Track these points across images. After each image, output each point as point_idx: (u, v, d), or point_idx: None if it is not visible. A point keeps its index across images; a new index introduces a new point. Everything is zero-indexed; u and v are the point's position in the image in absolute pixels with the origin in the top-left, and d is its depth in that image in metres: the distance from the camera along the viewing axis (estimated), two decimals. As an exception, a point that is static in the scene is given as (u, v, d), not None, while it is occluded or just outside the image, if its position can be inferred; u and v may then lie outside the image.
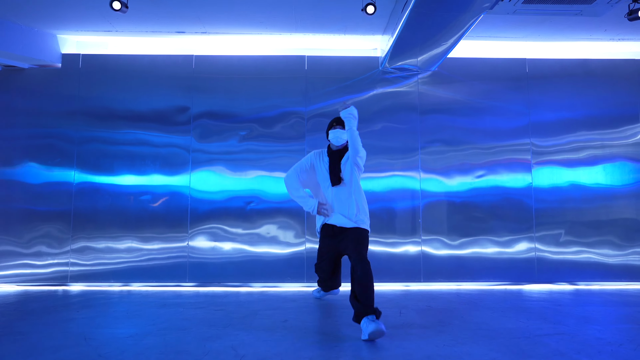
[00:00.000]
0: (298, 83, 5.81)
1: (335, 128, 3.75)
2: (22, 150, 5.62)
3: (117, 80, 5.76)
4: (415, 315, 3.92)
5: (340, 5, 4.85)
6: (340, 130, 3.71)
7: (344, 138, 3.72)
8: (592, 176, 5.76)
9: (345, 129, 3.66)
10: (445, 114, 5.80)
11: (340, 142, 3.75)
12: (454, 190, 5.72)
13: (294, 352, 2.80)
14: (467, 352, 2.82)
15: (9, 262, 5.49)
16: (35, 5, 4.91)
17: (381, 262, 5.55)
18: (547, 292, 5.16)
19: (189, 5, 4.92)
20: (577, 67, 5.89)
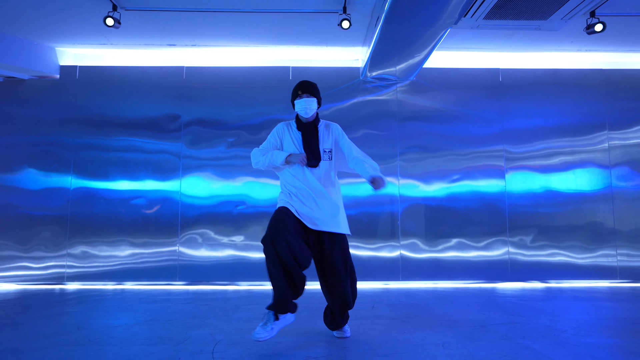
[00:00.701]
0: (283, 92, 6.12)
1: (301, 97, 3.11)
2: (21, 156, 5.94)
3: (112, 90, 6.08)
4: (386, 309, 4.21)
5: (319, 20, 5.18)
6: (308, 99, 3.09)
7: (313, 107, 3.10)
8: (563, 181, 6.05)
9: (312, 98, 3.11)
10: (423, 121, 6.12)
11: (309, 114, 3.09)
12: (431, 194, 6.02)
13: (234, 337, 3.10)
14: (423, 337, 3.11)
15: (8, 263, 5.79)
16: (35, 20, 5.24)
17: (362, 263, 5.84)
18: (519, 290, 5.44)
19: (179, 20, 5.25)
20: (548, 76, 6.21)
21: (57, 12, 5.00)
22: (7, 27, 5.41)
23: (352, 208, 5.96)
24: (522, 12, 4.03)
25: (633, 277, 5.93)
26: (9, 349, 2.84)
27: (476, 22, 4.22)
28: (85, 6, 4.87)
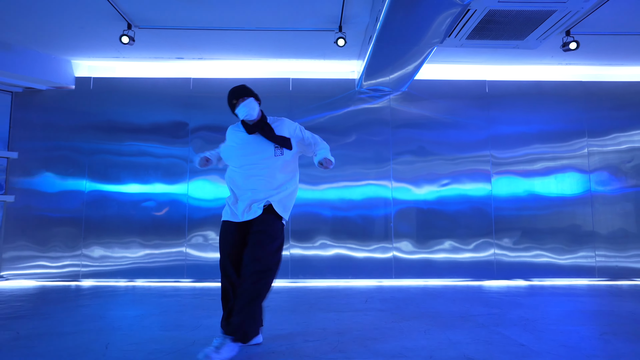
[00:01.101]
0: (284, 101, 6.56)
1: (238, 104, 3.06)
2: (39, 161, 6.36)
3: (124, 99, 6.50)
4: (378, 302, 4.62)
5: (317, 37, 5.60)
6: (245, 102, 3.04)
7: (254, 107, 3.06)
8: (545, 185, 6.47)
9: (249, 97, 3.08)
10: (414, 129, 6.53)
11: (254, 115, 3.05)
12: (422, 198, 6.44)
13: (269, 325, 3.51)
14: (407, 325, 3.53)
15: (28, 262, 6.20)
16: (55, 36, 5.66)
17: (357, 263, 6.26)
18: (504, 287, 5.85)
19: (187, 37, 5.67)
20: (531, 88, 6.63)
21: (76, 30, 5.42)
22: (29, 42, 5.83)
23: (348, 211, 6.37)
24: (500, 33, 4.45)
25: (610, 275, 6.34)
26: (45, 333, 3.26)
27: (460, 42, 4.64)
28: (102, 25, 5.30)
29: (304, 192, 6.32)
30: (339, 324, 3.58)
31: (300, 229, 6.33)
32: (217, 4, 4.84)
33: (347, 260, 6.30)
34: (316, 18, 5.11)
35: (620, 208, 6.44)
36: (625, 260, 6.36)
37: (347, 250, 6.32)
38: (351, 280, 6.26)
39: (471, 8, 3.94)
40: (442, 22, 4.22)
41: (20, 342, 3.03)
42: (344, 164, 6.40)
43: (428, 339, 3.09)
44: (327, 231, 6.34)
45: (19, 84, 6.27)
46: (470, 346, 2.91)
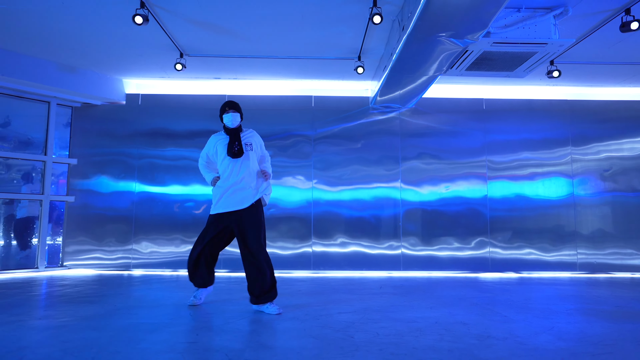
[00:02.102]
0: (306, 115, 7.52)
1: (228, 112, 4.11)
2: (95, 166, 7.34)
3: (168, 113, 7.47)
4: (390, 289, 5.59)
5: (338, 63, 6.57)
6: (232, 114, 4.10)
7: (237, 120, 4.12)
8: (533, 189, 7.43)
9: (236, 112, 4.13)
10: (420, 138, 7.50)
11: (234, 124, 4.10)
12: (427, 199, 7.40)
13: (286, 303, 4.48)
14: (416, 304, 4.49)
15: (86, 254, 7.18)
16: (112, 60, 6.62)
17: (370, 257, 7.23)
18: (497, 278, 6.80)
19: (226, 62, 6.63)
20: (522, 105, 7.59)
21: (134, 56, 6.40)
22: (90, 65, 6.80)
23: (361, 211, 7.34)
24: (493, 67, 5.40)
25: (589, 269, 7.30)
26: (125, 307, 4.23)
27: (460, 72, 5.59)
28: (158, 53, 6.27)
29: (324, 193, 7.30)
30: (362, 302, 4.54)
31: (321, 227, 7.30)
32: (256, 39, 5.80)
33: (361, 256, 7.27)
34: (339, 49, 6.08)
35: (599, 211, 7.39)
36: (603, 257, 7.32)
37: (361, 247, 7.29)
38: (365, 271, 7.23)
39: (469, 49, 4.90)
40: (446, 58, 5.17)
41: (121, 312, 4.00)
42: (357, 168, 7.37)
43: (433, 312, 4.05)
44: (344, 229, 7.31)
45: (78, 100, 7.25)
46: (465, 316, 3.87)
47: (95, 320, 3.60)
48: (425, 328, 3.40)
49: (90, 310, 3.98)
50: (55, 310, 4.01)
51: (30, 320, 3.56)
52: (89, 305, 4.27)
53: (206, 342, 2.97)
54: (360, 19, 5.16)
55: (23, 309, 4.06)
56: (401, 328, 3.39)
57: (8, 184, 6.96)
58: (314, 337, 3.12)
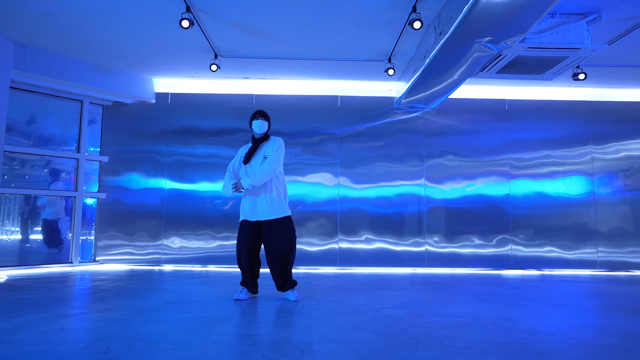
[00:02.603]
0: (333, 114, 7.68)
1: (257, 119, 4.37)
2: (126, 163, 7.50)
3: (197, 111, 7.63)
4: (422, 285, 5.76)
5: (368, 65, 6.72)
6: (261, 121, 4.37)
7: (264, 127, 4.39)
8: (554, 188, 7.59)
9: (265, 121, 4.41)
10: (444, 137, 7.66)
11: (261, 131, 4.38)
12: (450, 197, 7.56)
13: (328, 299, 4.64)
14: (453, 299, 4.67)
15: (118, 249, 7.36)
16: (145, 60, 6.77)
17: (395, 254, 7.40)
18: (519, 275, 6.97)
19: (256, 63, 6.77)
20: (544, 105, 7.74)
21: (168, 56, 6.55)
22: (123, 64, 6.96)
23: (386, 208, 7.51)
24: (524, 70, 5.55)
25: (610, 267, 7.47)
26: (174, 302, 4.41)
27: (489, 75, 5.74)
28: (192, 54, 6.42)
29: (350, 190, 7.48)
30: (400, 298, 4.71)
31: (347, 223, 7.47)
32: (292, 41, 5.95)
33: (386, 252, 7.44)
34: (371, 52, 6.23)
35: (619, 209, 7.55)
36: (622, 255, 7.49)
37: (386, 244, 7.46)
38: (390, 268, 7.40)
39: (503, 54, 5.05)
40: (477, 62, 5.32)
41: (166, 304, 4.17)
42: (382, 166, 7.54)
43: (472, 308, 4.22)
44: (369, 226, 7.48)
45: (110, 98, 7.41)
46: (505, 312, 4.04)
47: (153, 313, 3.77)
48: (473, 323, 3.57)
49: (143, 304, 4.15)
50: (109, 303, 4.19)
51: (93, 313, 3.73)
52: (138, 299, 4.44)
53: (272, 334, 3.14)
54: (397, 23, 5.31)
55: (79, 302, 4.24)
56: (450, 323, 3.56)
57: (36, 181, 7.12)
58: (371, 330, 3.28)
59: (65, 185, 7.25)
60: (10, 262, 6.68)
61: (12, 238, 6.87)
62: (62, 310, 3.84)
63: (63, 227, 7.22)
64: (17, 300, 4.31)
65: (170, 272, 6.73)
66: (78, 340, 2.91)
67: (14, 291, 4.82)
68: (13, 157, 6.78)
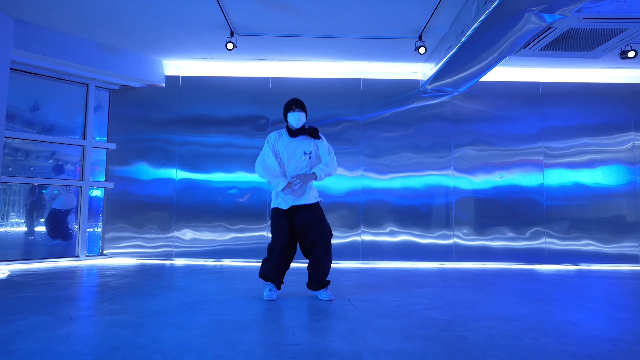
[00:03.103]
0: (355, 99, 7.19)
1: (294, 111, 3.94)
2: (134, 152, 7.05)
3: (209, 96, 7.16)
4: (456, 281, 5.29)
5: (395, 44, 6.21)
6: (298, 113, 3.93)
7: (302, 120, 3.97)
8: (592, 177, 7.08)
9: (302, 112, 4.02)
10: (473, 123, 7.15)
11: (299, 125, 3.97)
12: (480, 187, 7.07)
13: (360, 298, 4.19)
14: (499, 299, 4.20)
15: (126, 242, 6.94)
16: (155, 40, 6.30)
17: (422, 247, 6.94)
18: (555, 270, 6.50)
19: (274, 42, 6.28)
20: (581, 89, 7.21)
21: (181, 35, 6.07)
22: (131, 45, 6.48)
23: (412, 199, 7.03)
24: (571, 46, 5.04)
25: (652, 262, 6.98)
26: (192, 302, 3.97)
27: (532, 52, 5.24)
28: (206, 33, 5.94)
29: (373, 180, 7.01)
30: (439, 297, 4.25)
31: (370, 215, 7.00)
32: (315, 16, 5.45)
33: (412, 245, 6.97)
34: (400, 29, 5.73)
35: (663, 200, 7.05)
36: (665, 248, 6.99)
37: (412, 236, 6.99)
38: (415, 262, 6.94)
39: (553, 26, 4.54)
40: (523, 37, 4.81)
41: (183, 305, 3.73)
42: (407, 155, 7.06)
43: (525, 309, 3.75)
44: (394, 218, 7.01)
45: (117, 81, 6.94)
46: (565, 314, 3.57)
47: (170, 316, 3.33)
48: (536, 328, 3.10)
49: (157, 304, 3.72)
50: (120, 303, 3.75)
51: (103, 316, 3.29)
52: (152, 298, 4.00)
53: (310, 343, 2.69)
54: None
55: (87, 302, 3.81)
56: (510, 328, 3.09)
57: (41, 172, 6.69)
58: (424, 338, 2.83)
59: (70, 176, 6.81)
60: (13, 255, 6.27)
61: (15, 230, 6.46)
62: (68, 312, 3.40)
63: (70, 219, 6.79)
64: (18, 299, 3.88)
65: (183, 267, 6.30)
66: (86, 351, 2.47)
67: (15, 289, 4.40)
68: (17, 147, 6.35)
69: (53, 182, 6.62)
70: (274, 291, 4.04)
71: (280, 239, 3.97)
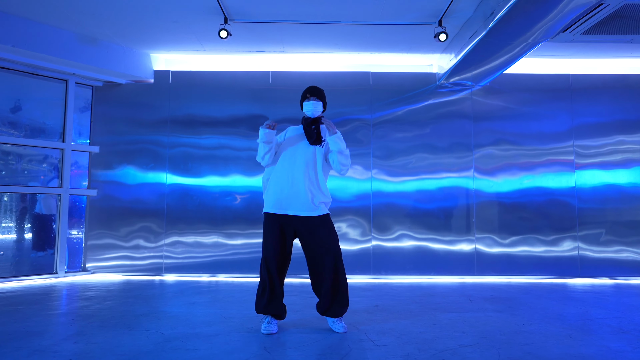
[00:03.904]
0: (364, 95, 6.48)
1: (309, 99, 3.56)
2: (120, 155, 6.36)
3: (202, 93, 6.47)
4: (484, 302, 4.58)
5: (406, 30, 5.50)
6: (315, 102, 3.54)
7: (319, 110, 3.56)
8: (629, 178, 6.35)
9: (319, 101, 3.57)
10: (496, 121, 6.44)
11: (315, 115, 3.54)
12: (503, 191, 6.36)
13: (373, 328, 3.48)
14: (541, 328, 3.49)
15: (111, 254, 6.24)
16: (140, 30, 5.62)
17: (439, 257, 6.22)
18: (589, 285, 5.78)
19: (274, 29, 5.59)
20: (616, 81, 6.48)
21: (168, 24, 5.38)
22: (114, 36, 5.80)
23: (428, 203, 6.32)
24: (621, 28, 4.33)
25: (697, 273, 6.24)
26: (176, 337, 3.27)
27: (572, 37, 4.53)
28: (198, 19, 5.25)
29: (385, 184, 6.32)
30: (469, 325, 3.54)
31: (381, 222, 6.30)
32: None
33: (429, 255, 6.26)
34: (419, 12, 5.02)
35: None
36: None
37: (428, 245, 6.28)
38: (432, 276, 6.22)
39: (605, 2, 3.82)
40: (565, 17, 4.10)
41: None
42: (423, 156, 6.37)
43: (582, 347, 3.03)
44: (408, 225, 6.30)
45: (100, 77, 6.25)
46: (634, 355, 2.86)
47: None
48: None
49: (132, 343, 3.02)
50: (87, 342, 3.05)
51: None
52: (127, 333, 3.30)
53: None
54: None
55: (46, 341, 3.10)
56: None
57: (19, 175, 6.01)
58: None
59: (46, 182, 6.13)
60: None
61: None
62: (14, 357, 2.70)
63: (46, 229, 6.11)
64: (-38, 337, 3.18)
65: (173, 284, 5.60)
66: None
67: (-33, 319, 3.71)
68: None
69: (29, 189, 5.92)
70: (272, 323, 3.38)
71: (273, 262, 3.38)
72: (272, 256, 3.37)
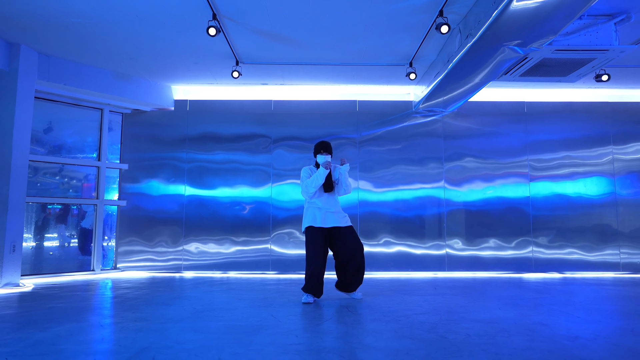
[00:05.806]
0: (351, 119, 7.68)
1: (322, 154, 4.88)
2: (146, 170, 7.53)
3: (215, 117, 7.66)
4: (447, 289, 5.73)
5: (389, 69, 6.71)
6: (327, 156, 4.87)
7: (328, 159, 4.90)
8: (575, 189, 7.54)
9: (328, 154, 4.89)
10: (463, 139, 7.64)
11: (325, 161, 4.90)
12: (470, 200, 7.53)
13: (356, 305, 4.62)
14: (483, 305, 4.63)
15: (138, 255, 7.38)
16: (165, 67, 6.80)
17: (416, 258, 7.38)
18: (541, 279, 6.92)
19: (276, 68, 6.78)
20: (564, 107, 7.70)
21: (189, 64, 6.57)
22: (142, 72, 6.98)
23: (405, 211, 7.48)
24: (548, 72, 5.52)
25: (633, 269, 7.40)
26: (205, 310, 4.40)
27: (513, 78, 5.71)
28: (213, 62, 6.44)
29: (369, 194, 7.48)
30: (428, 303, 4.68)
31: (367, 227, 7.45)
32: (315, 47, 5.95)
33: (406, 256, 7.41)
34: (393, 56, 6.22)
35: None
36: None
37: (407, 247, 7.43)
38: (410, 272, 7.37)
39: (529, 57, 5.02)
40: (502, 65, 5.29)
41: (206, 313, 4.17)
42: (401, 169, 7.55)
43: (504, 313, 4.18)
44: (390, 230, 7.45)
45: (129, 106, 7.44)
46: (538, 317, 4.00)
47: (187, 322, 3.77)
48: (509, 329, 3.54)
49: (174, 313, 4.15)
50: (141, 312, 4.19)
51: (129, 322, 3.73)
52: (168, 307, 4.44)
53: (311, 343, 3.13)
54: (422, 27, 5.30)
55: (111, 312, 4.24)
56: (487, 329, 3.53)
57: (47, 189, 7.15)
58: (410, 338, 3.26)
59: (81, 194, 7.28)
60: (29, 270, 6.69)
61: (26, 245, 6.90)
62: (97, 320, 3.85)
63: (84, 234, 7.24)
64: (49, 309, 4.32)
65: (191, 279, 6.73)
66: (122, 350, 2.91)
67: (43, 300, 4.84)
68: (34, 166, 6.81)
69: (71, 201, 7.08)
70: (310, 296, 4.77)
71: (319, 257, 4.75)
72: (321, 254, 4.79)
